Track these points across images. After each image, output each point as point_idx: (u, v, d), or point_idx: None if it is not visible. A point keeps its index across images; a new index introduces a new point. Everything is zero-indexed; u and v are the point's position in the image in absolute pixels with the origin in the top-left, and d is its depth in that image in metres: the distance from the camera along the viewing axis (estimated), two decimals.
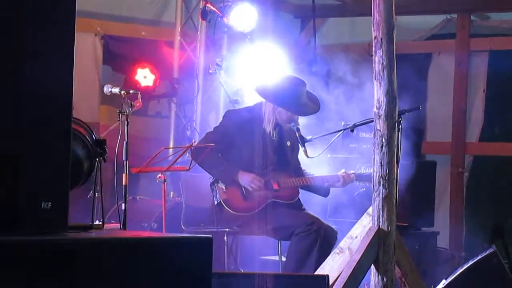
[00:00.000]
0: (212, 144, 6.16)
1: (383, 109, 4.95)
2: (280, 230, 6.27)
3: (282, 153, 6.46)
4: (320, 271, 5.34)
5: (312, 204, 6.65)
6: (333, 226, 6.33)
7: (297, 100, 6.29)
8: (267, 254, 7.37)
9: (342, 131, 6.39)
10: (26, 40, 3.10)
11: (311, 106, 6.37)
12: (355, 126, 6.42)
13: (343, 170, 6.51)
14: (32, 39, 3.11)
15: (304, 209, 6.45)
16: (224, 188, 6.30)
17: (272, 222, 6.24)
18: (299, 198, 6.47)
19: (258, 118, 6.40)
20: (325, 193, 6.62)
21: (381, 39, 4.95)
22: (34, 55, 3.12)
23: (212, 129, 6.58)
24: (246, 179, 6.27)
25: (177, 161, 6.22)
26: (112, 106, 7.87)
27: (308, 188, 6.55)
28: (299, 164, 6.59)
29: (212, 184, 6.36)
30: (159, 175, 6.25)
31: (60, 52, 3.21)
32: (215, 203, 6.30)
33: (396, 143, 4.99)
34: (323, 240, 6.12)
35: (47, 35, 3.16)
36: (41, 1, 3.15)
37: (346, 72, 7.19)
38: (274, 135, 6.39)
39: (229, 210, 6.24)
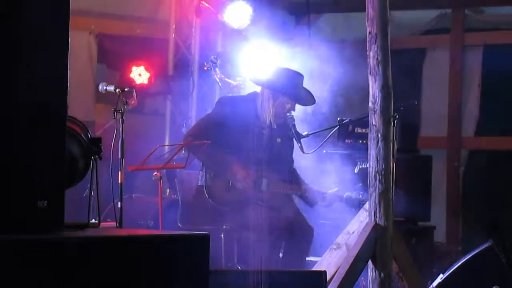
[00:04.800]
0: (208, 141, 6.11)
1: (379, 104, 4.94)
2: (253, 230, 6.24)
3: (276, 149, 6.39)
4: (317, 267, 5.34)
5: None
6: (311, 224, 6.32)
7: (296, 90, 6.23)
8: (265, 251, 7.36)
9: (337, 126, 6.40)
10: (20, 39, 3.09)
11: (308, 97, 6.30)
12: (350, 121, 6.42)
13: (335, 189, 6.36)
14: (26, 38, 3.11)
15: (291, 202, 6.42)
16: (213, 173, 6.23)
17: (246, 221, 6.19)
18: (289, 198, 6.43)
19: (253, 108, 6.30)
20: (311, 204, 6.48)
21: (376, 34, 4.95)
22: (29, 54, 3.11)
23: (205, 116, 6.52)
24: (239, 175, 6.21)
25: (173, 159, 6.21)
26: (107, 104, 7.85)
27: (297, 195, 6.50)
28: (293, 162, 6.49)
29: (203, 165, 6.30)
30: (155, 172, 6.24)
31: (55, 51, 3.20)
32: (199, 183, 6.27)
33: (391, 138, 4.99)
34: (286, 243, 6.11)
35: (41, 34, 3.15)
36: (35, 0, 3.15)
37: (341, 67, 7.19)
38: (273, 128, 6.31)
39: (207, 196, 6.20)
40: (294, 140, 6.23)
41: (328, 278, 4.98)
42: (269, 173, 6.28)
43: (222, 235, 6.33)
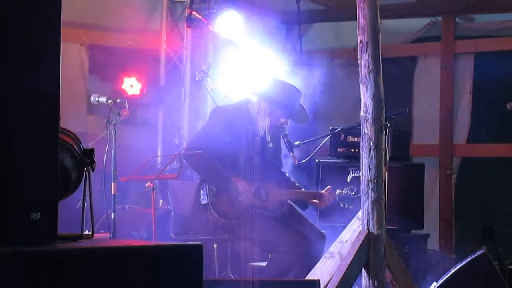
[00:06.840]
0: (200, 151, 6.10)
1: (370, 113, 4.95)
2: (262, 243, 6.19)
3: (269, 155, 6.38)
4: (311, 275, 5.34)
5: None
6: (322, 231, 6.30)
7: (293, 106, 6.24)
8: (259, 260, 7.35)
9: (330, 135, 6.40)
10: (11, 51, 3.09)
11: (303, 115, 6.33)
12: (342, 130, 6.43)
13: (328, 187, 6.42)
14: (18, 50, 3.10)
15: (298, 215, 6.39)
16: (214, 190, 6.23)
17: (255, 233, 6.15)
18: (291, 205, 6.43)
19: (247, 115, 6.29)
20: (303, 206, 6.51)
21: (367, 43, 4.96)
22: (20, 65, 3.11)
23: (201, 128, 6.50)
24: (239, 188, 6.17)
25: (166, 169, 6.21)
26: (100, 115, 7.85)
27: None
28: (282, 165, 6.51)
29: (202, 182, 6.25)
30: (148, 183, 6.24)
31: (46, 63, 3.20)
32: (202, 202, 6.24)
33: (384, 146, 5.00)
34: (303, 261, 6.06)
35: (32, 46, 3.15)
36: (26, 12, 3.15)
37: (332, 76, 7.21)
38: (268, 138, 6.31)
39: (215, 214, 6.16)
40: (281, 141, 6.25)
41: (321, 287, 4.98)
42: (265, 180, 6.29)
43: (215, 245, 6.32)
